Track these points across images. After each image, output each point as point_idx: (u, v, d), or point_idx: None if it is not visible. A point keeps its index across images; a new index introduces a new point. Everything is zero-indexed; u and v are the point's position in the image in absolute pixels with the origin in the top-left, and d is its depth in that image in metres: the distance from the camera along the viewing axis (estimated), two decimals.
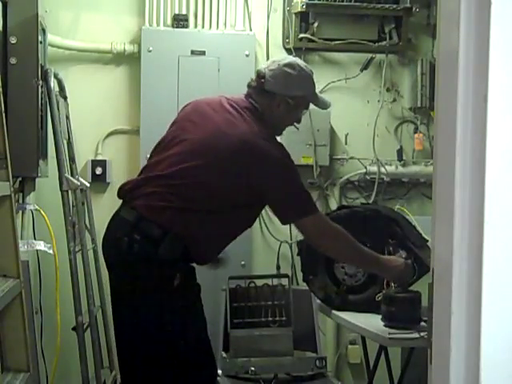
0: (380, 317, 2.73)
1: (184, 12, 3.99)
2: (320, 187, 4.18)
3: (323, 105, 2.83)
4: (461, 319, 1.21)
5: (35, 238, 3.42)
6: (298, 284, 3.77)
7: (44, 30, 3.35)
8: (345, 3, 4.03)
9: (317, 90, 2.82)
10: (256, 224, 4.12)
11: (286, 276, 3.30)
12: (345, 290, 2.95)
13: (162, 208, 2.52)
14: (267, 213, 4.13)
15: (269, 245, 4.14)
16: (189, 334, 2.56)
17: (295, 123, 2.80)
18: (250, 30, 4.08)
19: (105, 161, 4.00)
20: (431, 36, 4.25)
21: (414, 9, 4.13)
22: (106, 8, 4.00)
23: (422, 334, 2.44)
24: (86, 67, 3.99)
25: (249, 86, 2.72)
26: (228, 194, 2.57)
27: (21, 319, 2.59)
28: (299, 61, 2.77)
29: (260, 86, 2.68)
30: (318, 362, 3.11)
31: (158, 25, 3.97)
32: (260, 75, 2.68)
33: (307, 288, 3.10)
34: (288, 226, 4.11)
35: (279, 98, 2.67)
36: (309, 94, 2.74)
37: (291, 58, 2.81)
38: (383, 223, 2.93)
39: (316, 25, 4.07)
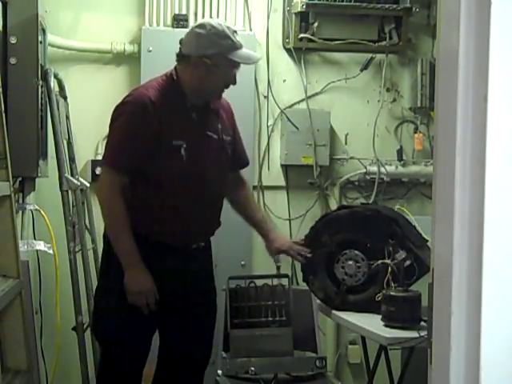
0: (380, 317, 2.73)
1: (184, 12, 3.99)
2: (320, 187, 4.18)
3: (246, 59, 2.72)
4: (461, 319, 1.21)
5: (35, 238, 3.42)
6: (298, 284, 3.76)
7: (44, 30, 3.35)
8: (345, 3, 4.03)
9: (244, 49, 2.70)
10: None
11: (286, 276, 3.29)
12: (345, 289, 2.95)
13: None
14: (267, 213, 4.14)
15: None
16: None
17: (231, 85, 2.73)
18: (250, 30, 4.08)
19: None
20: (431, 36, 4.25)
21: (414, 9, 4.13)
22: (106, 8, 4.00)
23: (421, 333, 2.43)
24: (86, 67, 3.99)
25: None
26: None
27: (21, 319, 2.60)
28: (214, 20, 2.75)
29: (179, 52, 2.71)
30: (317, 361, 3.11)
31: (158, 25, 3.97)
32: (180, 42, 2.73)
33: (307, 288, 3.09)
34: (288, 225, 4.14)
35: (195, 59, 2.66)
36: (225, 51, 2.64)
37: (205, 20, 2.78)
38: (383, 223, 2.93)
39: (316, 25, 4.07)
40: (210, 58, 2.64)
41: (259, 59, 2.77)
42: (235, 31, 2.69)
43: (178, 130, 2.66)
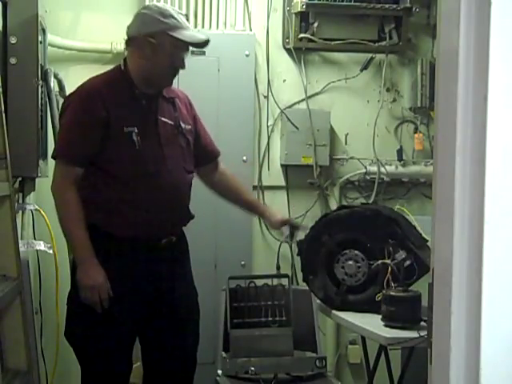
0: (380, 317, 2.73)
1: (184, 12, 3.97)
2: (320, 187, 4.18)
3: (189, 38, 2.64)
4: (461, 319, 1.21)
5: (35, 238, 3.42)
6: (298, 284, 3.76)
7: (44, 30, 3.34)
8: (345, 3, 4.03)
9: (190, 31, 2.69)
10: (256, 224, 4.12)
11: (286, 276, 3.29)
12: (345, 290, 2.95)
13: None
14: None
15: (269, 245, 4.13)
16: None
17: (180, 69, 2.67)
18: (250, 29, 4.08)
19: None
20: (431, 36, 4.25)
21: (414, 9, 4.12)
22: (106, 8, 4.00)
23: (421, 333, 2.43)
24: (86, 67, 3.98)
25: None
26: None
27: (21, 319, 2.60)
28: (160, 3, 2.72)
29: (127, 37, 2.71)
30: (317, 361, 3.11)
31: None
32: (127, 27, 2.71)
33: (307, 288, 3.09)
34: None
35: (140, 40, 2.63)
36: (168, 28, 2.61)
37: (152, 3, 2.74)
38: (383, 223, 2.93)
39: (316, 25, 4.07)
40: (154, 36, 2.61)
41: (204, 40, 2.67)
42: (181, 13, 2.69)
43: (128, 116, 2.61)
